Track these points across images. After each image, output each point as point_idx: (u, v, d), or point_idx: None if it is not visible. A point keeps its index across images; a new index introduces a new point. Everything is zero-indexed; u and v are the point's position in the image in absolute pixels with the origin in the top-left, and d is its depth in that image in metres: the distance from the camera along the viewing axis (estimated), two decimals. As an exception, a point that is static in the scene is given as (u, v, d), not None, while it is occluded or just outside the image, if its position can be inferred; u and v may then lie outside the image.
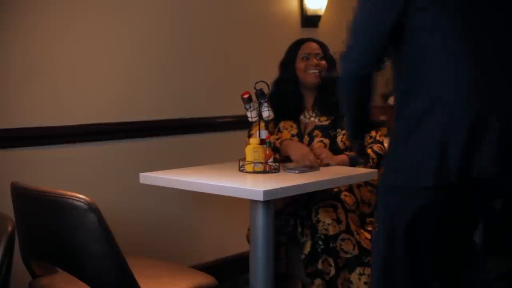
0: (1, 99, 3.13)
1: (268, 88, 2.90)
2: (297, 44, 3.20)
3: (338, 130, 3.05)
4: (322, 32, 4.57)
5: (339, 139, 3.02)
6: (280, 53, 4.44)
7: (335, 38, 3.23)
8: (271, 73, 4.11)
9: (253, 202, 2.64)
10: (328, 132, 3.03)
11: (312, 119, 3.11)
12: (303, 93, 3.17)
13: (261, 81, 2.91)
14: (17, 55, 3.17)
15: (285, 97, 3.18)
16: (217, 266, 3.84)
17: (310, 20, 4.56)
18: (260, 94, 2.94)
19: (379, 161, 2.97)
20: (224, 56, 4.08)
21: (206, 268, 3.63)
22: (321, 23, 4.62)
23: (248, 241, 3.12)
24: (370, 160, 2.99)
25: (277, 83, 3.21)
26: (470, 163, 1.89)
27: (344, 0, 4.86)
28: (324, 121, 3.12)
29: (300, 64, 3.14)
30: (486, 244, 4.31)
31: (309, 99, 3.17)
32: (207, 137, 3.94)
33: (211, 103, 3.96)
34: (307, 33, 4.56)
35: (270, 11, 4.36)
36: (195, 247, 3.66)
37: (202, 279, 2.41)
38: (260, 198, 2.46)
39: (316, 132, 3.07)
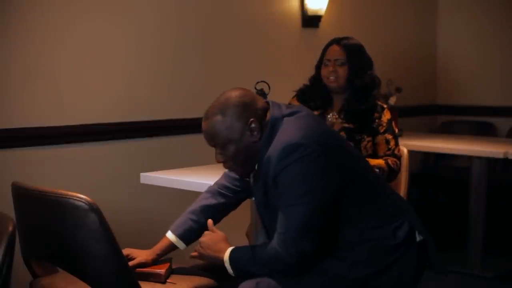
0: (1, 99, 3.13)
1: (269, 88, 2.89)
2: (325, 48, 3.12)
3: (363, 136, 2.99)
4: (322, 32, 4.57)
5: (363, 145, 2.97)
6: (280, 53, 4.45)
7: (336, 38, 3.24)
8: (272, 73, 4.11)
9: (254, 201, 2.63)
10: (353, 135, 2.97)
11: (338, 120, 3.05)
12: (331, 96, 3.10)
13: (261, 81, 2.91)
14: (17, 55, 3.17)
15: (313, 95, 3.11)
16: (217, 266, 3.83)
17: (310, 20, 4.55)
18: (260, 94, 2.93)
19: (388, 176, 2.92)
20: (225, 56, 4.08)
21: (206, 268, 3.62)
22: (322, 23, 4.61)
23: (248, 237, 3.13)
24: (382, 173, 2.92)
25: (311, 80, 3.16)
26: None
27: (344, 0, 4.86)
28: (351, 125, 3.04)
29: (323, 69, 3.08)
30: (486, 244, 4.32)
31: (337, 103, 3.09)
32: (207, 137, 3.93)
33: (211, 103, 3.95)
34: (308, 33, 4.56)
35: (270, 11, 4.35)
36: (195, 247, 3.65)
37: (202, 279, 2.41)
38: (261, 198, 2.46)
39: (342, 133, 3.01)
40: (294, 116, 2.18)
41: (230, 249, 2.19)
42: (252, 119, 2.15)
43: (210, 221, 2.34)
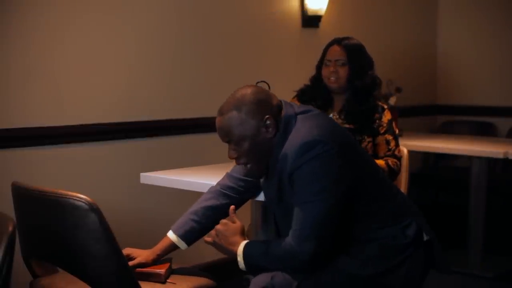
0: (1, 99, 3.13)
1: (269, 88, 2.89)
2: (326, 48, 3.11)
3: (364, 136, 2.98)
4: (322, 32, 4.56)
5: (363, 145, 2.96)
6: (280, 53, 4.45)
7: (336, 38, 3.23)
8: (272, 73, 4.11)
9: (254, 201, 2.64)
10: (354, 136, 2.96)
11: (339, 121, 3.04)
12: (332, 96, 3.10)
13: (262, 81, 2.90)
14: (17, 55, 3.16)
15: (313, 95, 3.11)
16: (217, 266, 3.83)
17: (310, 20, 4.55)
18: (260, 94, 2.91)
19: (389, 177, 2.91)
20: (225, 56, 4.08)
21: (206, 268, 3.62)
22: (322, 23, 4.61)
23: (248, 237, 3.12)
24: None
25: (311, 80, 3.16)
26: None
27: (344, 0, 4.86)
28: (351, 125, 3.03)
29: (324, 69, 3.07)
30: (486, 244, 4.31)
31: (337, 103, 3.08)
32: (207, 137, 3.93)
33: (211, 103, 3.95)
34: (308, 33, 4.56)
35: (270, 11, 4.35)
36: (195, 247, 3.65)
37: (202, 279, 2.41)
38: (261, 197, 2.46)
39: None
40: (307, 114, 2.20)
41: (244, 243, 2.19)
42: (267, 116, 2.16)
43: (232, 207, 2.32)
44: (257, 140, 2.16)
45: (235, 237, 2.22)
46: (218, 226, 2.26)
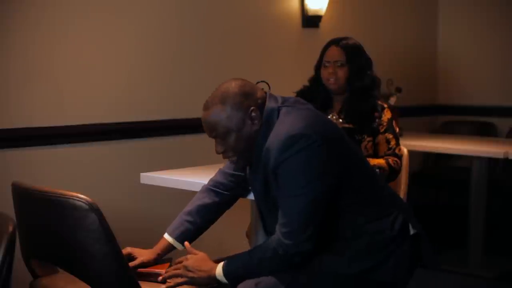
0: (1, 99, 3.13)
1: (269, 88, 2.89)
2: (324, 49, 3.10)
3: (364, 136, 2.98)
4: (323, 33, 4.56)
5: (363, 145, 2.96)
6: (280, 53, 4.45)
7: (336, 38, 3.23)
8: (272, 73, 4.11)
9: (253, 201, 2.63)
10: (353, 135, 2.97)
11: (339, 120, 3.04)
12: (331, 96, 3.09)
13: (262, 81, 2.90)
14: (17, 55, 3.17)
15: (313, 96, 3.10)
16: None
17: (311, 21, 4.55)
18: (260, 94, 2.91)
19: (389, 176, 2.91)
20: (225, 56, 4.08)
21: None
22: (322, 23, 4.62)
23: (248, 237, 3.13)
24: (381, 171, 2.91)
25: (310, 80, 3.15)
26: None
27: (344, 0, 4.86)
28: (351, 125, 3.00)
29: (322, 71, 3.07)
30: (486, 244, 4.31)
31: (337, 103, 3.08)
32: (207, 137, 3.92)
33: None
34: (308, 33, 4.56)
35: (270, 11, 4.35)
36: (195, 247, 3.65)
37: (203, 279, 2.40)
38: (259, 197, 2.45)
39: None
40: (291, 108, 2.18)
41: (221, 264, 2.17)
42: (252, 108, 2.15)
43: (187, 244, 2.32)
44: (242, 132, 2.14)
45: (208, 264, 2.20)
46: (184, 263, 2.23)
